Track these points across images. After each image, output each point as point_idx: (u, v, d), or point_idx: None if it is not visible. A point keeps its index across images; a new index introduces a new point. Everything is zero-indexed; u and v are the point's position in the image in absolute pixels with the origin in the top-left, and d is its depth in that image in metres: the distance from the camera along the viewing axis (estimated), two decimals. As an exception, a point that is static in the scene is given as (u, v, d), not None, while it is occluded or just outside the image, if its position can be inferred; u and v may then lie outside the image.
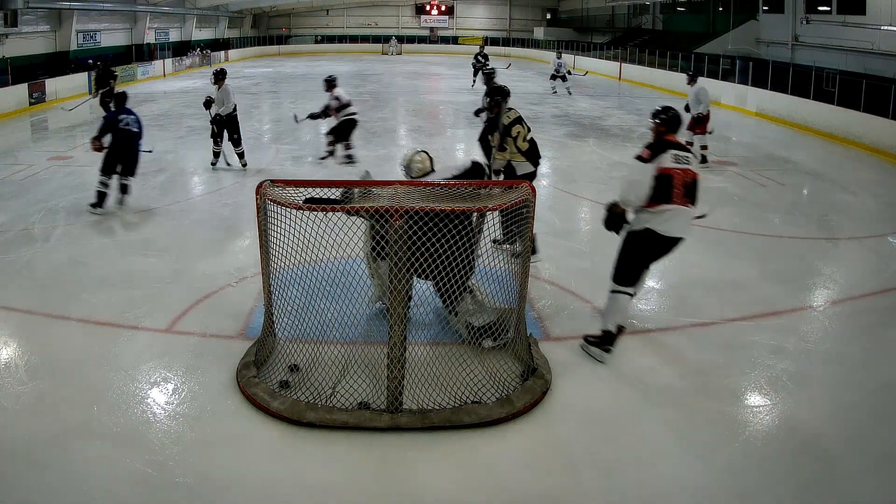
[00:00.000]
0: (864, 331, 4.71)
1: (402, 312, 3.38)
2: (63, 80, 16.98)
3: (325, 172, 9.18)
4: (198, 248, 6.14)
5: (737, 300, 5.06)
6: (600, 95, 19.77)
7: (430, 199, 3.78)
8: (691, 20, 28.14)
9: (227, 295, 5.02)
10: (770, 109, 13.69)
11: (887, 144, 11.17)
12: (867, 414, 3.66)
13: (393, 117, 14.76)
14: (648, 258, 4.22)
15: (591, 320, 4.61)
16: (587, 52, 29.95)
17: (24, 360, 4.03)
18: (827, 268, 5.98)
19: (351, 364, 3.82)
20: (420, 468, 3.17)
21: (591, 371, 4.00)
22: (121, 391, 3.71)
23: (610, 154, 10.39)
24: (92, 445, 3.23)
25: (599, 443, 3.38)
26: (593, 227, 6.89)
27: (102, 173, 7.07)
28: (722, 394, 3.81)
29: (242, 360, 3.91)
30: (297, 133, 12.22)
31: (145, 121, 7.73)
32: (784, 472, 3.16)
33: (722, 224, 7.00)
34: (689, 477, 3.13)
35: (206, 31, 32.26)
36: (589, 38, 35.22)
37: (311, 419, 3.38)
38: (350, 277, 3.83)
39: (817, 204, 8.20)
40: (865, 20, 16.45)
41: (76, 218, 6.95)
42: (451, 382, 3.63)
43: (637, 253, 4.15)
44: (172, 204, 7.56)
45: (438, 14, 42.32)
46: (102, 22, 22.33)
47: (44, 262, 5.68)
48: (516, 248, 4.11)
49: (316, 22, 42.22)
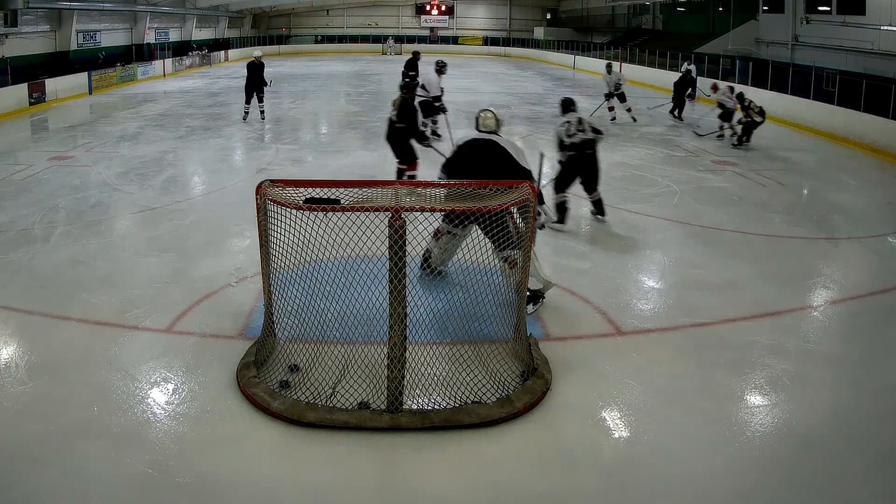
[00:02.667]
0: (864, 331, 4.71)
1: (402, 312, 3.38)
2: (63, 80, 16.97)
3: (326, 172, 9.18)
4: (198, 248, 6.14)
5: (737, 300, 5.06)
6: (600, 95, 19.75)
7: (431, 199, 3.79)
8: (691, 20, 28.16)
9: (227, 295, 5.02)
10: (770, 109, 13.65)
11: (887, 144, 11.17)
12: (867, 414, 3.66)
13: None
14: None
15: (591, 320, 4.61)
16: (587, 52, 29.93)
17: (24, 360, 4.03)
18: (827, 268, 5.98)
19: (351, 364, 3.82)
20: (420, 468, 3.17)
21: (591, 371, 4.00)
22: (121, 391, 3.72)
23: (610, 154, 10.37)
24: (92, 445, 3.23)
25: (599, 443, 3.38)
26: (593, 227, 6.90)
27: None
28: (722, 394, 3.81)
29: (242, 361, 3.91)
30: (296, 133, 12.22)
31: (145, 121, 7.72)
32: (784, 472, 3.16)
33: (722, 224, 7.01)
34: (689, 477, 3.13)
35: (206, 31, 32.25)
36: (589, 38, 35.22)
37: (311, 419, 3.38)
38: (350, 277, 3.83)
39: (817, 204, 8.20)
40: (865, 20, 16.46)
41: (76, 218, 6.96)
42: (451, 382, 3.64)
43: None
44: (172, 204, 7.55)
45: (438, 14, 42.32)
46: (102, 22, 22.32)
47: (44, 262, 5.68)
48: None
49: (316, 22, 42.22)
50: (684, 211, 7.51)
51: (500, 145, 4.80)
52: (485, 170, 4.67)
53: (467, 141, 4.94)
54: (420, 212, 3.70)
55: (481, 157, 4.80)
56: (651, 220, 7.12)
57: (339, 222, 3.50)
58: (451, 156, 5.01)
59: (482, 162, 4.77)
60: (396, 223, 3.32)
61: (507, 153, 4.75)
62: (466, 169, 4.78)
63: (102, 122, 13.67)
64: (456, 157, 4.95)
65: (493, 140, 4.84)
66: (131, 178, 8.73)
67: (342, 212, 3.42)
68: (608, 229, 6.85)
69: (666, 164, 10.09)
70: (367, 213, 3.41)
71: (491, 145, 4.81)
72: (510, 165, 4.71)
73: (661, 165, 9.96)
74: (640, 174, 9.28)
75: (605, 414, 3.61)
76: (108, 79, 19.49)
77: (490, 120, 5.01)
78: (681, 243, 6.49)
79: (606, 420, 3.56)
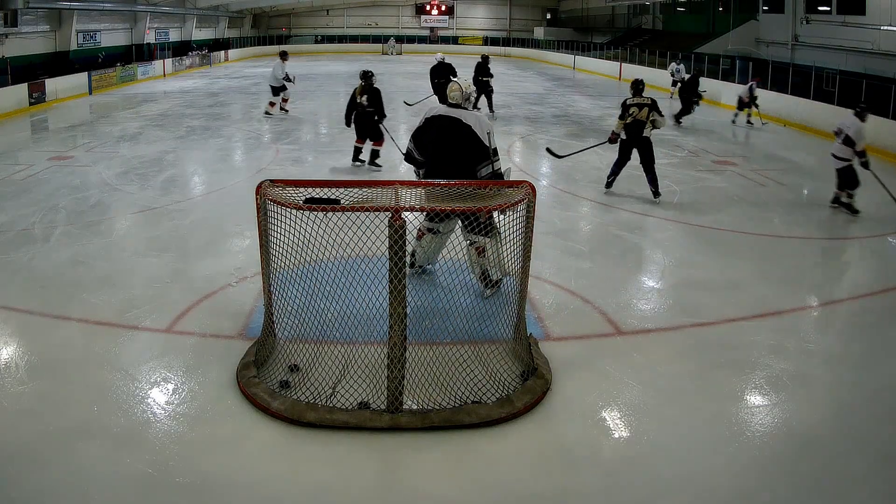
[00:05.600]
0: (864, 331, 4.71)
1: (402, 312, 3.38)
2: (63, 80, 16.98)
3: (326, 172, 9.18)
4: (198, 248, 6.14)
5: (737, 300, 5.06)
6: (600, 95, 19.78)
7: (432, 200, 3.79)
8: (691, 20, 28.17)
9: (227, 295, 5.02)
10: (770, 109, 13.69)
11: (887, 144, 11.17)
12: (867, 414, 3.66)
13: (393, 117, 14.72)
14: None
15: (591, 320, 4.61)
16: (587, 52, 29.96)
17: (24, 360, 4.03)
18: (827, 268, 5.98)
19: (351, 364, 3.82)
20: (420, 468, 3.17)
21: (592, 371, 4.00)
22: (121, 391, 3.71)
23: (610, 154, 10.38)
24: (92, 445, 3.23)
25: (599, 443, 3.38)
26: (593, 227, 6.90)
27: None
28: (722, 394, 3.81)
29: (242, 360, 3.90)
30: (296, 133, 12.22)
31: (145, 121, 7.73)
32: (784, 472, 3.15)
33: (722, 224, 7.01)
34: (689, 477, 3.13)
35: (206, 31, 32.26)
36: (589, 38, 35.24)
37: (311, 419, 3.38)
38: (350, 277, 3.83)
39: (817, 204, 8.20)
40: (865, 20, 16.47)
41: (76, 218, 6.96)
42: (451, 382, 3.64)
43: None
44: (172, 204, 7.56)
45: (438, 14, 42.33)
46: (102, 22, 22.33)
47: (44, 262, 5.68)
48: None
49: (316, 22, 42.23)
50: (684, 211, 7.52)
51: (463, 122, 4.87)
52: (446, 143, 4.87)
53: (434, 115, 5.01)
54: (420, 212, 3.70)
55: (445, 130, 4.90)
56: (651, 220, 7.12)
57: (339, 222, 3.50)
58: (419, 125, 5.10)
59: (445, 135, 4.90)
60: (396, 223, 3.32)
61: (469, 129, 4.83)
62: (430, 140, 4.97)
63: (102, 122, 13.68)
64: (423, 126, 5.06)
65: (456, 117, 4.90)
66: (131, 178, 8.73)
67: (342, 212, 3.42)
68: (608, 229, 6.85)
69: (666, 164, 10.09)
70: (367, 213, 3.41)
71: (454, 122, 4.88)
72: (472, 141, 4.81)
73: (661, 165, 9.93)
74: (640, 174, 9.25)
75: (606, 414, 3.61)
76: (108, 79, 19.50)
77: (456, 93, 4.99)
78: (681, 243, 6.49)
79: (606, 420, 3.56)
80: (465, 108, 4.99)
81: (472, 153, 4.81)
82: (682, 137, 12.56)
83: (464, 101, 5.01)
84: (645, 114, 7.53)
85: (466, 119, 4.87)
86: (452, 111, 4.94)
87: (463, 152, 4.82)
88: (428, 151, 5.00)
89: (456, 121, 4.88)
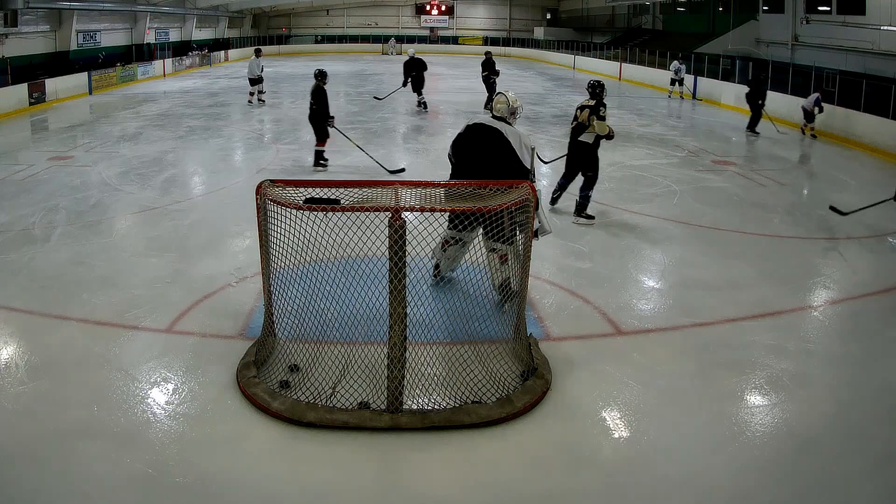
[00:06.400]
0: (864, 331, 4.71)
1: (402, 312, 3.38)
2: (63, 80, 16.98)
3: (325, 172, 9.18)
4: (198, 248, 6.14)
5: (737, 300, 5.06)
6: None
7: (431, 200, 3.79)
8: (691, 20, 28.17)
9: (227, 295, 5.02)
10: (770, 109, 13.68)
11: (887, 144, 11.17)
12: (867, 414, 3.66)
13: (393, 117, 14.77)
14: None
15: (591, 320, 4.61)
16: (587, 52, 29.95)
17: (24, 360, 4.03)
18: (827, 268, 5.98)
19: (351, 364, 3.82)
20: (420, 468, 3.17)
21: (592, 371, 4.00)
22: (121, 391, 3.71)
23: (610, 154, 10.38)
24: (92, 445, 3.23)
25: (599, 443, 3.38)
26: (593, 227, 6.90)
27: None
28: (722, 394, 3.81)
29: (242, 360, 3.90)
30: (296, 133, 12.22)
31: (145, 121, 7.73)
32: (784, 472, 3.16)
33: (722, 224, 7.01)
34: (689, 477, 3.13)
35: (206, 31, 32.26)
36: (589, 38, 35.23)
37: (311, 419, 3.38)
38: (350, 277, 3.83)
39: (817, 204, 8.20)
40: (865, 20, 16.47)
41: (76, 218, 6.96)
42: (451, 382, 3.64)
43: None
44: (172, 204, 7.56)
45: (438, 14, 42.32)
46: (102, 22, 22.33)
47: (44, 262, 5.68)
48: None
49: (316, 22, 42.22)
50: (684, 211, 7.52)
51: (503, 135, 4.76)
52: (482, 155, 4.76)
53: (475, 122, 4.94)
54: (420, 212, 3.70)
55: (483, 142, 4.80)
56: (651, 220, 7.12)
57: (339, 222, 3.50)
58: (459, 133, 5.00)
59: (482, 147, 4.79)
60: (396, 223, 3.32)
61: (508, 145, 4.73)
62: (467, 149, 4.86)
63: (102, 122, 13.68)
64: (462, 134, 4.96)
65: (497, 128, 4.79)
66: (131, 178, 8.73)
67: (342, 212, 3.42)
68: (608, 229, 6.85)
69: (666, 164, 10.10)
70: (367, 213, 3.41)
71: (494, 133, 4.77)
72: (509, 157, 4.71)
73: (661, 165, 9.97)
74: (640, 174, 9.28)
75: (606, 414, 3.61)
76: (108, 79, 19.50)
77: (502, 105, 4.90)
78: (681, 243, 6.49)
79: (606, 420, 3.56)
80: (508, 123, 4.86)
81: (505, 167, 4.64)
82: (682, 137, 12.56)
83: (509, 114, 4.88)
84: (585, 115, 7.01)
85: (507, 133, 4.76)
86: (494, 122, 4.84)
87: (495, 164, 4.67)
88: (461, 157, 4.89)
89: (496, 132, 4.77)
